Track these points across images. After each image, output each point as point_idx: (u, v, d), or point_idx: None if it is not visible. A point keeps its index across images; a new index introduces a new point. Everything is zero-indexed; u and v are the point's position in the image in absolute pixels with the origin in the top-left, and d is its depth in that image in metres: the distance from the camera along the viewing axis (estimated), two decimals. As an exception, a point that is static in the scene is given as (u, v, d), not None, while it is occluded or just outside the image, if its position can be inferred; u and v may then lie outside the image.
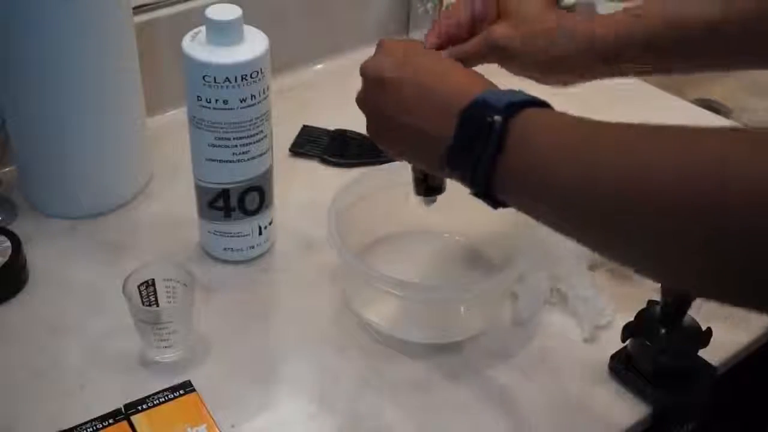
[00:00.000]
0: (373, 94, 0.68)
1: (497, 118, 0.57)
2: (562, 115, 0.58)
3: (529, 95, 0.59)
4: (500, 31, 0.73)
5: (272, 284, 0.89)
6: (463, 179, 0.60)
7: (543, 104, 0.59)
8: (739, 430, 0.88)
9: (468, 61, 0.72)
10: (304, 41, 1.18)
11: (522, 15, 0.73)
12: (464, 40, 0.74)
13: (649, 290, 0.81)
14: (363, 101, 0.70)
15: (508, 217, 0.65)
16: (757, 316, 0.84)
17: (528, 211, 0.60)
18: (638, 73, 0.82)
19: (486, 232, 0.87)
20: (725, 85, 1.37)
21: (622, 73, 0.75)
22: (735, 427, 0.89)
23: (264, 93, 0.81)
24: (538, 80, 0.75)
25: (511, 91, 0.59)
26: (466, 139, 0.59)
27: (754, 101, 1.36)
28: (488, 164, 0.57)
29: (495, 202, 0.60)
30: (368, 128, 0.71)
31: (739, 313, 0.74)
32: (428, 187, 0.77)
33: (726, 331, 0.80)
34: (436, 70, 0.66)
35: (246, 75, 0.78)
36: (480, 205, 0.67)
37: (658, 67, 0.76)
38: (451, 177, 0.63)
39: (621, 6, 1.41)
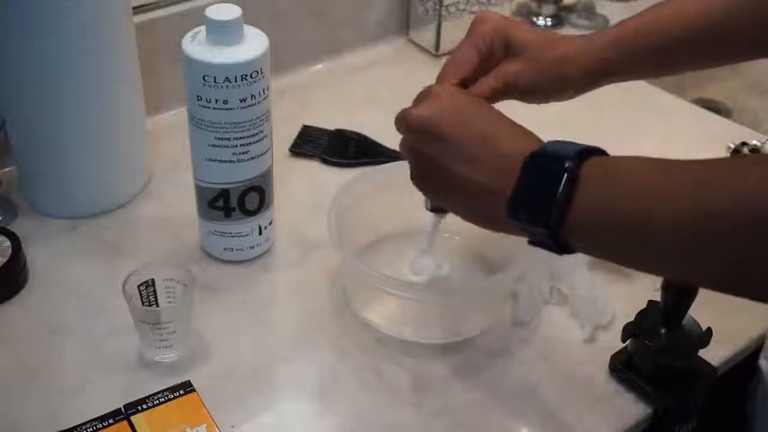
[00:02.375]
0: (428, 144, 0.65)
1: (569, 164, 0.58)
2: (622, 158, 0.59)
3: (587, 145, 0.60)
4: (513, 68, 0.73)
5: (272, 284, 0.89)
6: (531, 223, 0.60)
7: (602, 152, 0.60)
8: (738, 431, 0.88)
9: (488, 101, 0.71)
10: (304, 41, 1.18)
11: (526, 49, 0.73)
12: (474, 80, 0.73)
13: (649, 290, 0.82)
14: (414, 151, 0.67)
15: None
16: (756, 316, 0.84)
17: (599, 250, 0.60)
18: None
19: (486, 232, 0.87)
20: (725, 85, 1.37)
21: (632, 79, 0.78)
22: (734, 427, 0.89)
23: (264, 93, 0.81)
24: (544, 102, 0.76)
25: (569, 142, 0.60)
26: (535, 184, 0.59)
27: (754, 101, 1.37)
28: (563, 205, 0.57)
29: (560, 246, 0.60)
30: (415, 178, 0.69)
31: (739, 312, 0.74)
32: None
33: (726, 331, 0.80)
34: (490, 122, 0.65)
35: (246, 75, 0.78)
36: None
37: (662, 72, 0.83)
38: (503, 229, 0.63)
39: (620, 6, 1.42)
